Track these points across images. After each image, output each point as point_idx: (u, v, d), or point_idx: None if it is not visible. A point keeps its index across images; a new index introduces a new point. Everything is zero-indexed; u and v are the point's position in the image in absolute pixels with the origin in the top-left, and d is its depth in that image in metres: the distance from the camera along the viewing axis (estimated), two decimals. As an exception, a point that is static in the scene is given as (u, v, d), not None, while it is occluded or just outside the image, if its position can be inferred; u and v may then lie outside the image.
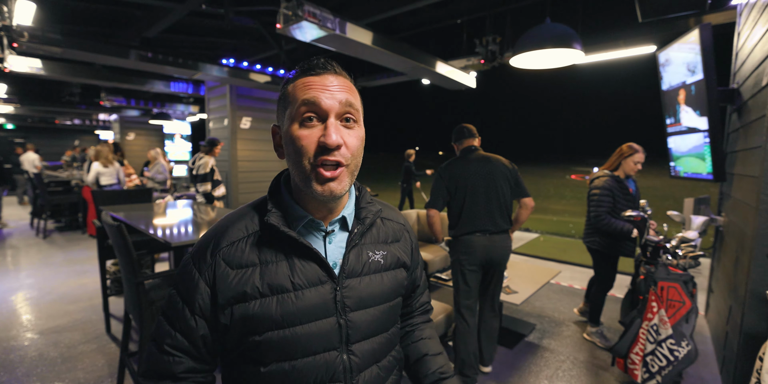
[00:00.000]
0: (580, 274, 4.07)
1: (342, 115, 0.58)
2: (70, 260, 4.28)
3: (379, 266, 0.68)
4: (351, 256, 0.65)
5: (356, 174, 0.62)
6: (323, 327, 0.60)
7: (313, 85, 0.57)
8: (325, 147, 0.56)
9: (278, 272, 0.59)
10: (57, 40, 3.54)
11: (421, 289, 0.84)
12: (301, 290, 0.60)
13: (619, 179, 2.43)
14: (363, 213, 0.69)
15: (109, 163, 4.92)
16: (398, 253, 0.72)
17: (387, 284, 0.68)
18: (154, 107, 7.93)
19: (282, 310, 0.58)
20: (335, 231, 0.66)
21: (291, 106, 0.59)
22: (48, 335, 2.53)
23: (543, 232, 6.54)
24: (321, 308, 0.60)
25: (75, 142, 12.58)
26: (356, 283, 0.64)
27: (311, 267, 0.61)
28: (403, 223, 0.78)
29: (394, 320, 0.72)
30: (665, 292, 1.85)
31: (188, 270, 0.61)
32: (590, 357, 2.35)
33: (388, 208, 0.79)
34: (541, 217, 9.17)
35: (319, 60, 0.60)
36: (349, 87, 0.60)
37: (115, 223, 1.47)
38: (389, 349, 0.70)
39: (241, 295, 0.58)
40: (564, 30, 2.46)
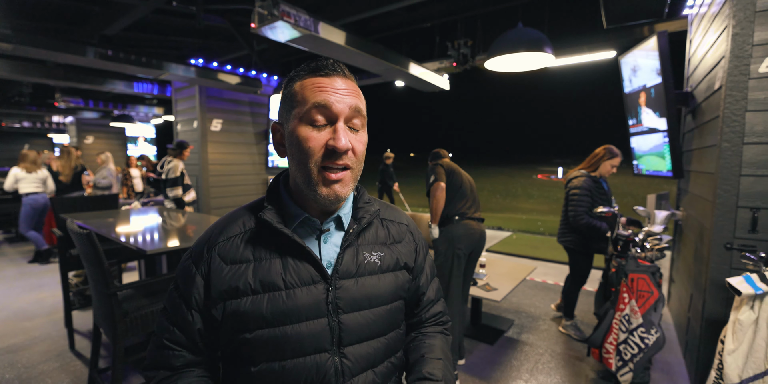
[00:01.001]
0: (552, 269, 4.23)
1: (350, 119, 0.59)
2: (23, 273, 3.96)
3: (375, 268, 0.66)
4: (346, 256, 0.64)
5: (359, 178, 0.63)
6: (314, 328, 0.59)
7: (323, 87, 0.57)
8: (334, 151, 0.56)
9: (271, 270, 0.59)
10: (7, 36, 3.28)
11: (431, 299, 0.78)
12: (293, 289, 0.59)
13: (596, 179, 2.54)
14: (360, 213, 0.68)
15: (34, 168, 4.33)
16: (398, 255, 0.70)
17: (384, 286, 0.66)
18: (115, 109, 7.51)
19: (272, 308, 0.57)
20: (331, 230, 0.65)
21: (299, 106, 0.58)
22: (2, 356, 2.33)
23: (515, 231, 6.74)
24: (312, 308, 0.59)
25: (25, 146, 11.70)
26: (351, 284, 0.63)
27: (304, 266, 0.60)
28: (407, 224, 0.76)
29: (394, 325, 0.69)
30: (635, 283, 1.95)
31: (186, 265, 0.62)
32: (567, 349, 2.45)
33: (391, 208, 0.77)
34: (512, 215, 9.47)
35: (328, 61, 0.60)
36: (357, 91, 0.61)
37: (83, 231, 1.37)
38: (388, 355, 0.68)
39: (234, 290, 0.58)
40: (536, 34, 2.56)
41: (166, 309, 0.63)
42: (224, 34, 5.57)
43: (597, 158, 2.56)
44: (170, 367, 0.61)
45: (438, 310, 0.80)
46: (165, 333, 0.61)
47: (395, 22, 5.20)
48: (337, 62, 0.61)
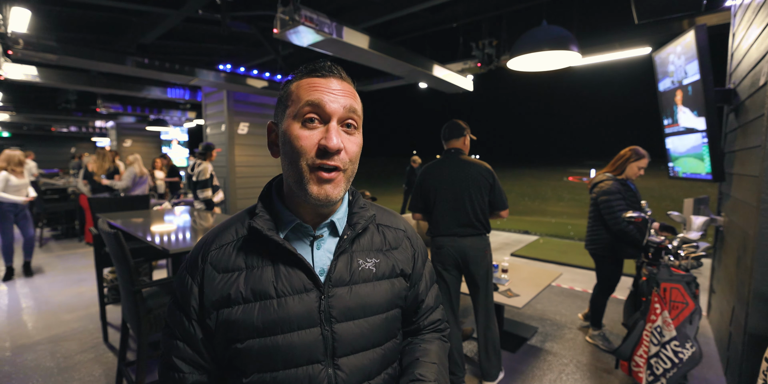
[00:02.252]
0: (581, 276, 4.06)
1: (344, 120, 0.58)
2: (66, 268, 4.23)
3: (370, 275, 0.64)
4: (339, 263, 0.62)
5: (351, 180, 0.61)
6: (306, 338, 0.57)
7: (318, 86, 0.57)
8: (325, 150, 0.55)
9: (262, 278, 0.58)
10: (52, 47, 3.53)
11: (430, 306, 0.76)
12: (284, 297, 0.57)
13: (624, 182, 2.41)
14: (355, 218, 0.66)
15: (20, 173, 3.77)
16: (395, 262, 0.68)
17: (380, 294, 0.64)
18: (151, 114, 7.91)
19: (263, 317, 0.56)
20: (324, 236, 0.63)
21: (293, 105, 0.57)
22: (44, 345, 2.49)
23: (542, 235, 6.53)
24: (304, 317, 0.58)
25: (71, 149, 12.55)
26: (344, 293, 0.61)
27: (296, 274, 0.59)
28: (404, 229, 0.74)
29: (390, 334, 0.66)
30: (668, 293, 1.83)
31: (182, 276, 0.61)
32: (593, 360, 2.33)
33: (388, 213, 0.75)
34: (540, 219, 9.18)
35: (325, 63, 0.60)
36: (353, 93, 0.60)
37: (112, 230, 1.45)
38: (384, 366, 0.65)
39: (225, 299, 0.57)
40: (560, 32, 2.47)
41: (168, 325, 0.62)
42: (251, 40, 5.75)
43: (623, 160, 2.43)
44: None
45: (437, 318, 0.78)
46: (172, 350, 0.60)
47: (419, 24, 5.19)
48: (333, 64, 0.60)
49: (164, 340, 0.62)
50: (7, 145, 12.35)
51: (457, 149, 2.09)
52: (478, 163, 2.05)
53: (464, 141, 2.10)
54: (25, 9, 3.24)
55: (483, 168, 2.03)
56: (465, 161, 2.04)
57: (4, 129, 11.66)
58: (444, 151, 2.13)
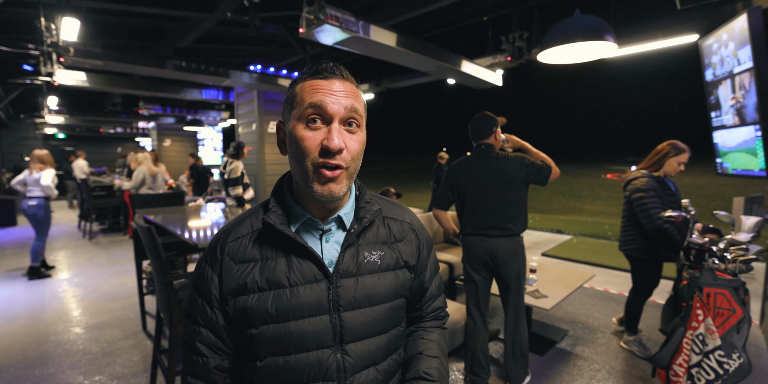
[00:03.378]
0: (616, 277, 3.86)
1: (346, 120, 0.61)
2: (112, 260, 4.53)
3: (375, 267, 0.67)
4: (346, 255, 0.65)
5: (355, 176, 0.65)
6: (316, 324, 0.61)
7: (320, 88, 0.60)
8: (327, 150, 0.58)
9: (276, 268, 0.62)
10: (98, 54, 3.77)
11: (433, 294, 0.80)
12: (296, 287, 0.61)
13: (660, 179, 2.25)
14: (361, 212, 0.69)
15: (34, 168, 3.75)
16: (399, 254, 0.71)
17: (385, 285, 0.67)
18: (188, 114, 8.29)
19: (277, 304, 0.60)
20: (332, 230, 0.67)
21: (298, 107, 0.61)
22: (91, 331, 2.69)
23: (576, 234, 6.27)
24: (314, 305, 0.61)
25: (118, 149, 13.39)
26: (351, 283, 0.64)
27: (307, 265, 0.63)
28: (409, 222, 0.77)
29: (395, 322, 0.70)
30: (712, 298, 1.70)
31: (202, 267, 0.66)
32: (628, 367, 2.21)
33: (395, 206, 0.78)
34: (575, 218, 8.81)
35: (327, 64, 0.62)
36: (355, 93, 0.63)
37: (146, 225, 1.53)
38: (389, 352, 0.69)
39: (242, 287, 0.61)
40: (594, 21, 2.34)
41: (190, 314, 0.66)
42: (281, 40, 5.88)
43: (660, 155, 2.25)
44: (203, 377, 0.64)
45: (438, 306, 0.82)
46: (195, 336, 0.64)
47: (446, 19, 5.10)
48: (336, 65, 0.63)
49: (187, 326, 0.66)
50: (62, 146, 13.38)
51: (487, 145, 1.99)
52: (511, 156, 1.94)
53: (495, 136, 2.00)
54: (75, 19, 3.48)
55: (516, 161, 1.91)
56: (497, 157, 1.94)
57: (59, 131, 12.63)
58: (474, 147, 2.05)
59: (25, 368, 2.20)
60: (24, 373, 2.16)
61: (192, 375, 0.65)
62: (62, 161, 10.61)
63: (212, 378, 0.64)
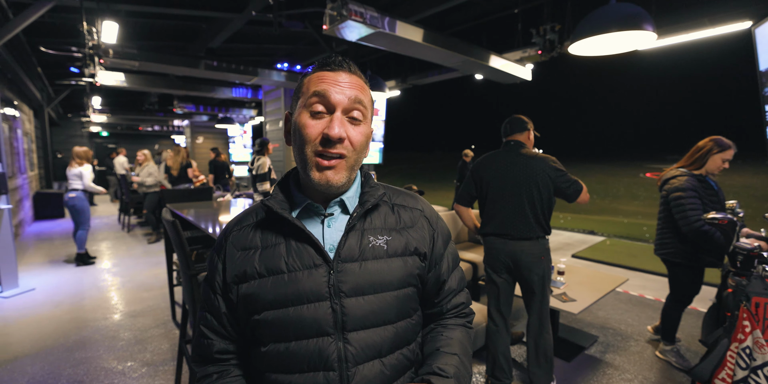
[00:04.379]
0: (653, 282, 3.65)
1: (349, 110, 0.61)
2: (147, 252, 4.77)
3: (381, 252, 0.65)
4: (349, 239, 0.64)
5: (357, 168, 0.65)
6: (316, 311, 0.60)
7: (326, 79, 0.61)
8: (327, 139, 0.59)
9: (275, 254, 0.62)
10: (134, 55, 3.95)
11: (453, 288, 0.75)
12: (295, 272, 0.61)
13: (701, 178, 2.08)
14: (365, 197, 0.68)
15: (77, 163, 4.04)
16: (408, 240, 0.68)
17: (391, 272, 0.65)
18: (220, 112, 8.58)
19: (275, 290, 0.60)
20: (335, 215, 0.66)
21: (303, 96, 0.62)
22: (126, 318, 2.83)
23: (610, 235, 5.98)
24: (313, 291, 0.61)
25: (155, 146, 14.07)
26: (354, 268, 0.63)
27: (306, 250, 0.62)
28: (421, 209, 0.74)
29: (404, 314, 0.66)
30: (761, 309, 1.56)
31: (211, 255, 0.69)
32: (663, 378, 2.08)
33: (405, 194, 0.76)
34: (610, 218, 8.41)
35: (336, 57, 0.63)
36: (361, 85, 0.63)
37: (171, 219, 1.58)
38: (397, 346, 0.65)
39: (243, 274, 0.62)
40: (632, 10, 2.19)
41: (202, 300, 0.69)
42: (309, 38, 5.95)
43: (702, 152, 2.08)
44: (208, 356, 0.67)
45: (460, 301, 0.77)
46: (202, 320, 0.67)
47: (474, 13, 4.98)
48: (344, 59, 0.64)
49: (199, 311, 0.70)
50: (105, 143, 14.22)
51: (517, 142, 1.90)
52: (541, 156, 1.84)
53: (528, 135, 1.93)
54: (114, 22, 3.65)
55: (546, 162, 1.81)
56: (526, 155, 1.84)
57: (103, 129, 13.43)
58: (503, 143, 1.96)
59: (66, 351, 2.35)
60: (65, 355, 2.30)
61: (198, 355, 0.68)
62: (105, 158, 11.26)
63: (215, 358, 0.66)
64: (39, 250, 4.86)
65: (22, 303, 3.15)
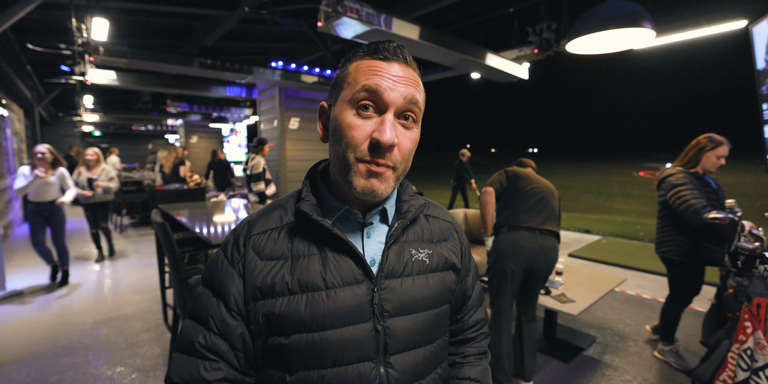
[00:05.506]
0: (650, 282, 3.64)
1: (402, 112, 0.53)
2: (139, 253, 4.69)
3: (423, 266, 0.59)
4: (391, 253, 0.57)
5: (401, 178, 0.57)
6: (358, 333, 0.53)
7: (378, 70, 0.52)
8: (377, 145, 0.50)
9: (310, 267, 0.54)
10: (124, 52, 3.87)
11: (475, 302, 0.72)
12: (334, 289, 0.53)
13: (698, 176, 2.07)
14: (405, 206, 0.61)
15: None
16: (446, 254, 0.63)
17: (433, 288, 0.59)
18: (214, 111, 8.49)
19: (312, 310, 0.52)
20: (374, 224, 0.59)
21: (349, 88, 0.53)
22: (116, 322, 2.76)
23: (606, 234, 5.98)
24: (356, 311, 0.53)
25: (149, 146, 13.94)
26: (397, 285, 0.56)
27: (346, 263, 0.54)
28: (452, 222, 0.70)
29: (441, 331, 0.62)
30: (763, 310, 1.54)
31: (219, 262, 0.56)
32: (662, 379, 2.06)
33: (434, 205, 0.71)
34: (604, 217, 8.43)
35: (390, 43, 0.54)
36: (417, 82, 0.54)
37: (160, 220, 1.53)
38: (435, 365, 0.60)
39: (269, 289, 0.53)
40: (631, 7, 2.17)
41: (196, 316, 0.55)
42: (303, 37, 5.89)
43: (696, 150, 2.08)
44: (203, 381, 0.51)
45: (480, 318, 0.73)
46: (198, 339, 0.53)
47: (470, 11, 4.95)
48: (400, 46, 0.54)
49: (185, 332, 0.55)
50: (97, 143, 14.04)
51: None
52: None
53: None
54: (104, 19, 3.58)
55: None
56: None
57: (96, 128, 13.27)
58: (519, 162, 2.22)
59: (54, 357, 2.28)
60: (52, 361, 2.24)
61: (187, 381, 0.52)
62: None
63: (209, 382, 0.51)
64: (28, 252, 4.76)
65: (8, 306, 3.07)
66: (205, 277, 0.58)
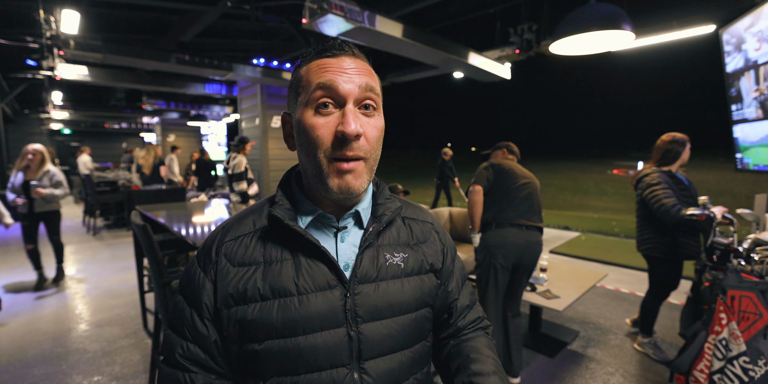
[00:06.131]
0: (627, 276, 3.77)
1: (361, 101, 0.52)
2: (115, 256, 4.51)
3: (398, 271, 0.59)
4: (365, 257, 0.57)
5: (375, 169, 0.56)
6: (330, 339, 0.53)
7: (328, 67, 0.52)
8: (343, 137, 0.50)
9: (282, 273, 0.53)
10: (98, 47, 3.71)
11: (465, 305, 0.70)
12: (306, 295, 0.53)
13: (672, 174, 2.17)
14: (380, 210, 0.60)
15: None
16: (423, 256, 0.63)
17: (408, 292, 0.59)
18: (192, 109, 8.25)
19: (283, 316, 0.52)
20: (348, 228, 0.58)
21: (304, 91, 0.53)
22: (92, 329, 2.65)
23: (584, 231, 6.16)
24: (328, 317, 0.53)
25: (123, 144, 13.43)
26: (371, 290, 0.56)
27: (319, 268, 0.54)
28: (431, 222, 0.69)
29: (420, 336, 0.61)
30: (737, 302, 1.61)
31: (193, 271, 0.56)
32: (643, 370, 2.13)
33: (413, 206, 0.70)
34: (581, 214, 8.68)
35: (334, 41, 0.54)
36: (369, 71, 0.55)
37: (141, 222, 1.47)
38: (413, 371, 0.60)
39: (241, 296, 0.52)
40: (611, 10, 2.23)
41: (173, 324, 0.56)
42: (285, 34, 5.79)
43: (673, 153, 2.19)
44: None
45: (475, 316, 0.72)
46: (177, 348, 0.54)
47: (454, 11, 4.98)
48: (345, 41, 0.55)
49: (168, 338, 0.56)
50: (67, 142, 13.43)
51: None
52: None
53: None
54: (75, 11, 3.41)
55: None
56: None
57: (65, 126, 12.68)
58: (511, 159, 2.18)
59: (24, 368, 2.17)
60: (22, 372, 2.12)
61: None
62: (68, 157, 10.63)
63: None
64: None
65: (-27, 315, 2.90)
66: (180, 284, 0.58)
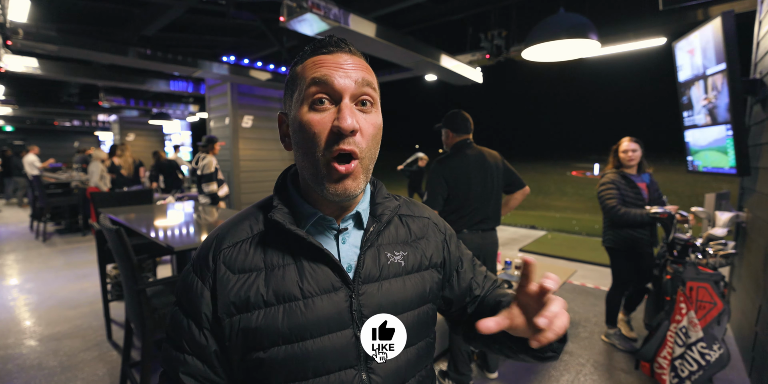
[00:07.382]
0: (592, 272, 3.98)
1: (358, 96, 0.51)
2: (70, 263, 4.19)
3: (399, 269, 0.59)
4: (367, 258, 0.57)
5: (371, 169, 0.55)
6: (338, 341, 0.53)
7: (324, 63, 0.51)
8: (339, 133, 0.48)
9: (285, 277, 0.52)
10: (52, 38, 3.44)
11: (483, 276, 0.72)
12: (311, 298, 0.52)
13: (625, 175, 2.37)
14: (379, 209, 0.61)
15: None
16: (423, 252, 0.63)
17: (410, 289, 0.60)
18: (154, 107, 7.84)
19: (289, 321, 0.51)
20: (349, 229, 0.58)
21: (299, 88, 0.52)
22: (47, 343, 2.45)
23: (549, 230, 6.45)
24: (335, 319, 0.53)
25: (75, 143, 12.52)
26: (374, 290, 0.56)
27: (323, 271, 0.54)
28: (428, 216, 0.69)
29: (424, 333, 0.62)
30: (695, 292, 1.75)
31: (189, 280, 0.55)
32: (611, 360, 2.26)
33: (410, 203, 0.70)
34: (544, 213, 9.09)
35: (330, 38, 0.53)
36: (365, 66, 0.54)
37: (113, 226, 1.38)
38: (418, 368, 0.61)
39: (243, 303, 0.51)
40: (580, 20, 2.36)
41: (172, 336, 0.55)
42: (255, 32, 5.63)
43: (612, 153, 2.44)
44: None
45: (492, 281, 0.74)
46: (179, 366, 0.53)
47: (424, 15, 5.06)
48: (341, 38, 0.54)
49: (167, 352, 0.55)
50: (10, 140, 12.34)
51: (470, 140, 2.05)
52: (490, 151, 2.05)
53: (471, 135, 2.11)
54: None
55: (496, 155, 2.04)
56: (482, 152, 2.01)
57: (6, 123, 11.64)
58: (458, 144, 2.01)
59: (-29, 387, 1.97)
60: (-31, 392, 1.93)
61: None
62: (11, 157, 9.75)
63: None
64: (-75, 267, 4.06)
65: None
66: (177, 294, 0.57)
